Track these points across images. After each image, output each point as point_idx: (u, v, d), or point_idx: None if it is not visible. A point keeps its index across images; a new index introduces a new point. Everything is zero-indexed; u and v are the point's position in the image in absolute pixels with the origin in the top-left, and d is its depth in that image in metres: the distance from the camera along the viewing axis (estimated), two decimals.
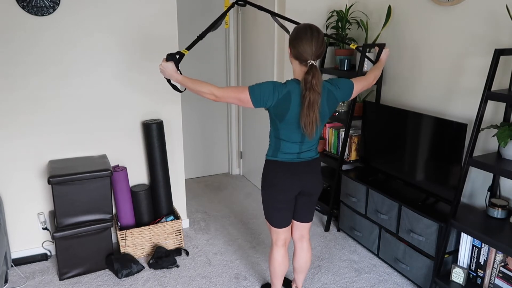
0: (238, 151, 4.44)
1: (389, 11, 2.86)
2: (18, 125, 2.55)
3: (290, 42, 1.80)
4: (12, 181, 2.62)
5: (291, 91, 1.77)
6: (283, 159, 1.92)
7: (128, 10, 2.67)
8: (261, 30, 3.60)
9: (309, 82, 1.71)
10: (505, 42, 2.18)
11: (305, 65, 1.77)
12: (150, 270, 2.67)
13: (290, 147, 1.90)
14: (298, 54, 1.77)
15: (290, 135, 1.87)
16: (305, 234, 2.17)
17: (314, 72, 1.72)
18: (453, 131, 2.29)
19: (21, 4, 2.38)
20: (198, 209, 3.61)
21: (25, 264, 2.70)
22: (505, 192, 2.28)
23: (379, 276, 2.61)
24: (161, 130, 2.85)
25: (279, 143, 1.91)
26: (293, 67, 1.85)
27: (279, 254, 2.12)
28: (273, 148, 1.94)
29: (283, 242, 2.10)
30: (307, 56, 1.74)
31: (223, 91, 1.81)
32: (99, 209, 2.56)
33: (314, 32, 1.74)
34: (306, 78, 1.72)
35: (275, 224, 2.05)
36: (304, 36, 1.74)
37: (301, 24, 1.82)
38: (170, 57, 1.91)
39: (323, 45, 1.77)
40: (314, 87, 1.71)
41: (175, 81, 1.92)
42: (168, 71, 1.91)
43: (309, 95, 1.72)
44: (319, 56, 1.77)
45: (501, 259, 2.08)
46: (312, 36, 1.73)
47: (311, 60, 1.74)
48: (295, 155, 1.92)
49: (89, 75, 2.66)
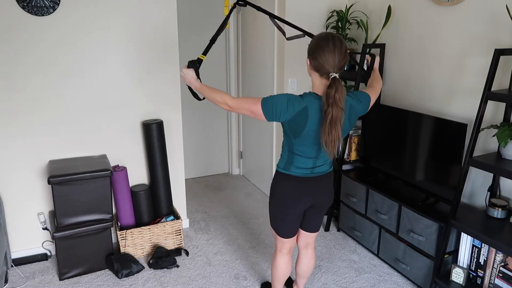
0: (238, 151, 4.44)
1: (389, 11, 2.86)
2: (18, 125, 2.55)
3: (310, 53, 1.67)
4: (12, 181, 2.62)
5: (308, 107, 1.65)
6: (295, 173, 1.82)
7: (128, 10, 2.67)
8: (261, 30, 3.60)
9: (331, 97, 1.57)
10: (505, 42, 2.18)
11: (327, 78, 1.64)
12: (150, 270, 2.67)
13: (304, 162, 1.80)
14: (319, 66, 1.63)
15: (305, 150, 1.77)
16: (311, 243, 2.13)
17: (337, 86, 1.58)
18: (453, 131, 2.29)
19: (21, 4, 2.38)
20: (198, 209, 3.61)
21: (25, 264, 2.70)
22: (505, 192, 2.28)
23: (379, 276, 2.61)
24: (161, 130, 2.85)
25: (293, 157, 1.81)
26: (312, 80, 1.73)
27: (283, 261, 2.08)
28: (286, 161, 1.84)
29: (288, 250, 2.06)
30: (329, 68, 1.61)
31: (236, 101, 1.74)
32: (99, 209, 2.56)
33: (337, 41, 1.61)
34: (328, 93, 1.59)
35: (281, 234, 1.99)
36: (325, 46, 1.60)
37: (321, 32, 1.69)
38: (191, 64, 1.94)
39: (346, 56, 1.64)
40: (337, 102, 1.58)
41: (194, 88, 1.93)
42: (188, 77, 1.93)
43: (332, 111, 1.58)
44: (342, 68, 1.64)
45: (501, 259, 2.08)
46: (334, 46, 1.60)
47: (333, 73, 1.61)
48: (308, 170, 1.82)
49: (89, 75, 2.66)
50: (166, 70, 2.88)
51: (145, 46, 2.78)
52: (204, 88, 1.86)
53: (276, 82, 3.42)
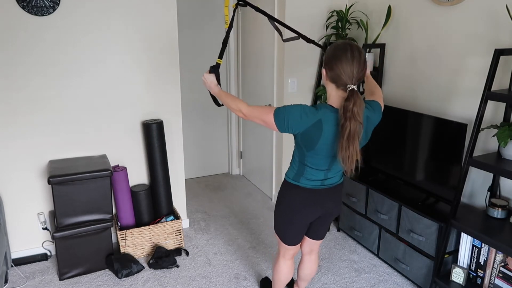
0: (238, 151, 4.44)
1: (389, 11, 2.86)
2: (18, 125, 2.55)
3: (326, 63, 1.59)
4: (12, 181, 2.62)
5: (322, 119, 1.57)
6: (305, 185, 1.77)
7: (128, 10, 2.67)
8: (261, 30, 3.60)
9: (349, 110, 1.50)
10: (505, 42, 2.18)
11: (344, 89, 1.57)
12: (150, 270, 2.66)
13: (315, 174, 1.74)
14: (336, 77, 1.56)
15: (317, 163, 1.71)
16: (315, 249, 2.12)
17: (356, 99, 1.50)
18: (453, 131, 2.29)
19: (21, 4, 2.37)
20: (198, 209, 3.61)
21: (25, 264, 2.70)
22: (505, 192, 2.28)
23: (379, 276, 2.61)
24: (161, 130, 2.85)
25: (303, 169, 1.75)
26: (328, 91, 1.65)
27: (285, 267, 2.07)
28: (296, 171, 1.78)
29: (291, 256, 2.04)
30: (346, 80, 1.54)
31: (250, 109, 1.71)
32: (99, 209, 2.56)
33: (355, 51, 1.53)
34: (346, 106, 1.51)
35: (286, 242, 1.96)
36: (343, 56, 1.53)
37: (338, 41, 1.62)
38: (212, 70, 1.96)
39: (364, 66, 1.56)
40: (355, 116, 1.50)
41: (213, 93, 1.95)
42: (208, 82, 1.94)
43: (350, 125, 1.50)
44: (360, 79, 1.57)
45: (501, 259, 2.08)
46: (353, 57, 1.52)
47: (351, 85, 1.54)
48: (319, 182, 1.76)
49: (89, 75, 2.66)
50: (166, 70, 2.88)
51: (145, 46, 2.78)
52: (222, 94, 1.87)
53: (276, 82, 3.42)
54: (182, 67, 3.96)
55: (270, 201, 3.77)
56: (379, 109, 1.75)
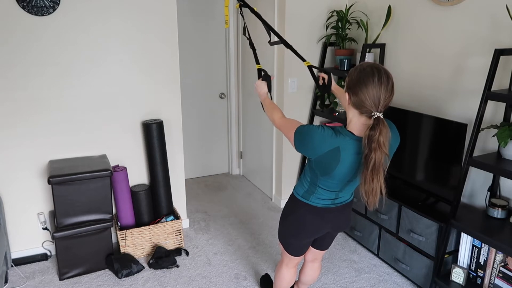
0: (238, 151, 4.44)
1: (389, 11, 2.86)
2: (18, 125, 2.55)
3: (350, 87, 1.45)
4: (12, 181, 2.62)
5: (342, 148, 1.46)
6: (316, 204, 1.70)
7: (128, 10, 2.67)
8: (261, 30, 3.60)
9: (375, 141, 1.37)
10: (505, 42, 2.18)
11: (368, 116, 1.43)
12: (150, 270, 2.66)
13: (327, 195, 1.67)
14: (360, 103, 1.42)
15: (330, 185, 1.63)
16: (319, 258, 2.09)
17: (382, 128, 1.37)
18: (453, 131, 2.29)
19: (21, 4, 2.37)
20: (198, 209, 3.61)
21: (25, 264, 2.70)
22: (505, 192, 2.28)
23: (379, 276, 2.61)
24: (161, 130, 2.85)
25: (315, 189, 1.67)
26: (349, 116, 1.51)
27: (288, 275, 2.03)
28: (306, 189, 1.71)
29: (294, 264, 2.01)
30: (372, 107, 1.40)
31: (281, 121, 1.68)
32: (99, 209, 2.56)
33: (383, 76, 1.39)
34: (370, 136, 1.38)
35: (292, 253, 1.91)
36: (370, 82, 1.39)
37: (363, 63, 1.46)
38: (265, 77, 1.98)
39: (392, 93, 1.42)
40: (381, 146, 1.37)
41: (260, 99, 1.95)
42: (258, 89, 1.94)
43: (375, 156, 1.38)
44: (387, 106, 1.43)
45: (501, 259, 2.08)
46: (380, 82, 1.38)
47: (377, 112, 1.40)
48: (329, 201, 1.70)
49: (89, 75, 2.66)
50: (166, 70, 2.88)
51: (145, 46, 2.78)
52: (266, 102, 1.88)
53: (276, 82, 3.42)
54: (182, 67, 3.96)
55: (270, 201, 3.77)
56: (397, 132, 1.61)
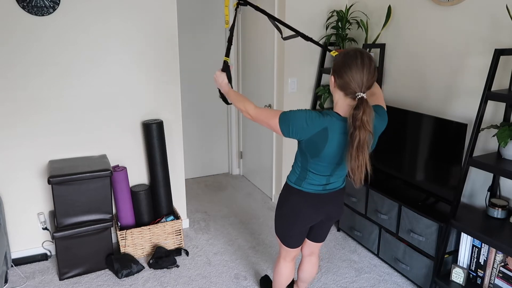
0: (238, 151, 4.44)
1: (389, 11, 2.86)
2: (18, 125, 2.55)
3: (335, 70, 1.56)
4: (12, 181, 2.62)
5: (329, 128, 1.55)
6: (307, 190, 1.76)
7: (128, 10, 2.67)
8: (261, 30, 3.60)
9: (358, 119, 1.46)
10: (505, 42, 2.18)
11: (353, 98, 1.54)
12: (150, 270, 2.67)
13: (318, 179, 1.74)
14: (345, 85, 1.52)
15: (321, 169, 1.70)
16: (316, 251, 2.12)
17: (365, 108, 1.47)
18: (453, 131, 2.29)
19: (21, 4, 2.37)
20: (198, 209, 3.61)
21: (25, 264, 2.70)
22: (505, 192, 2.28)
23: (379, 276, 2.61)
24: (161, 130, 2.85)
25: (306, 174, 1.74)
26: (335, 99, 1.62)
27: (286, 269, 2.06)
28: (298, 176, 1.77)
29: (292, 258, 2.04)
30: (356, 88, 1.50)
31: (257, 112, 1.70)
32: (99, 209, 2.56)
33: (366, 59, 1.50)
34: (355, 115, 1.47)
35: (288, 245, 1.95)
36: (353, 64, 1.50)
37: (349, 48, 1.59)
38: (224, 68, 1.95)
39: (375, 74, 1.53)
40: (365, 125, 1.46)
41: (222, 92, 1.93)
42: (219, 81, 1.93)
43: (359, 134, 1.47)
44: (370, 87, 1.53)
45: (501, 259, 2.08)
46: (363, 64, 1.49)
47: (360, 93, 1.50)
48: (321, 187, 1.76)
49: (89, 75, 2.66)
50: (166, 70, 2.88)
51: (145, 46, 2.78)
52: (232, 93, 1.86)
53: (276, 82, 3.42)
54: (182, 67, 3.96)
55: (270, 201, 3.77)
56: (384, 115, 1.71)
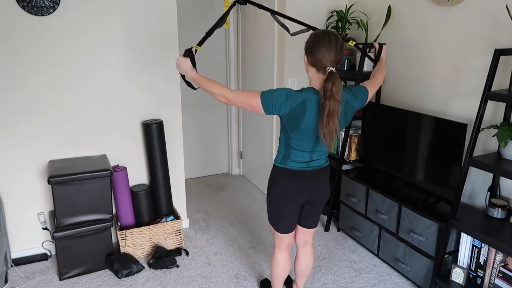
0: (238, 151, 4.44)
1: (389, 11, 2.86)
2: (18, 125, 2.55)
3: (307, 49, 1.74)
4: (12, 181, 2.62)
5: (307, 100, 1.70)
6: (292, 167, 1.86)
7: (128, 9, 2.67)
8: (261, 30, 3.60)
9: (328, 90, 1.63)
10: (505, 42, 2.18)
11: (323, 72, 1.70)
12: (150, 270, 2.67)
13: (301, 156, 1.84)
14: (316, 61, 1.70)
15: (302, 144, 1.82)
16: (309, 240, 2.15)
17: (334, 80, 1.64)
18: (453, 131, 2.29)
19: (21, 4, 2.37)
20: (198, 209, 3.61)
21: (25, 264, 2.70)
22: (505, 192, 2.28)
23: (379, 276, 2.61)
24: (161, 130, 2.85)
25: (289, 151, 1.85)
26: (310, 75, 1.78)
27: (281, 258, 2.10)
28: (283, 155, 1.88)
29: (286, 246, 2.08)
30: (326, 63, 1.68)
31: (235, 94, 1.75)
32: (99, 209, 2.56)
33: (333, 37, 1.68)
34: (325, 86, 1.64)
35: (279, 229, 2.02)
36: (322, 42, 1.67)
37: (318, 30, 1.76)
38: (187, 53, 1.87)
39: (342, 51, 1.70)
40: (334, 95, 1.63)
41: (189, 78, 1.88)
42: (184, 67, 1.86)
43: (329, 104, 1.63)
44: (338, 62, 1.70)
45: (501, 259, 2.08)
46: (330, 42, 1.67)
47: (330, 67, 1.67)
48: (304, 164, 1.86)
49: (89, 75, 2.66)
50: (166, 70, 2.88)
51: (145, 45, 2.78)
52: (201, 78, 1.82)
53: (276, 82, 3.42)
54: None
55: None
56: (363, 95, 1.85)
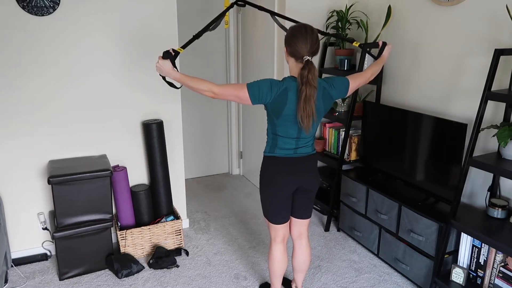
0: (238, 151, 4.44)
1: (389, 11, 2.86)
2: (18, 125, 2.55)
3: (286, 41, 1.88)
4: (12, 181, 2.62)
5: (288, 88, 1.84)
6: (280, 154, 1.97)
7: (128, 9, 2.67)
8: (261, 30, 3.60)
9: (305, 76, 1.77)
10: (505, 42, 2.18)
11: (301, 61, 1.83)
12: (150, 270, 2.67)
13: (287, 143, 1.95)
14: (294, 51, 1.83)
15: (287, 131, 1.92)
16: (303, 232, 2.20)
17: (310, 67, 1.78)
18: (453, 131, 2.29)
19: (21, 4, 2.38)
20: (198, 209, 3.61)
21: (25, 264, 2.70)
22: (505, 192, 2.28)
23: (379, 276, 2.61)
24: (161, 130, 2.85)
25: (276, 139, 1.96)
26: (290, 65, 1.92)
27: (278, 251, 2.13)
28: (270, 144, 2.00)
29: (281, 238, 2.13)
30: (303, 53, 1.81)
31: (222, 88, 1.84)
32: (99, 209, 2.56)
33: (308, 30, 1.83)
34: (302, 73, 1.79)
35: (273, 220, 2.08)
36: (299, 34, 1.82)
37: (295, 24, 1.90)
38: (166, 55, 1.87)
39: (317, 42, 1.85)
40: (310, 81, 1.77)
41: (172, 79, 1.89)
42: (165, 69, 1.87)
43: (306, 89, 1.78)
44: (314, 52, 1.84)
45: (501, 259, 2.08)
46: (306, 34, 1.81)
47: (306, 56, 1.81)
48: (291, 151, 1.97)
49: (89, 75, 2.66)
50: None
51: (145, 46, 2.78)
52: (185, 77, 1.85)
53: None
54: (183, 67, 3.95)
55: None
56: (342, 85, 1.98)
